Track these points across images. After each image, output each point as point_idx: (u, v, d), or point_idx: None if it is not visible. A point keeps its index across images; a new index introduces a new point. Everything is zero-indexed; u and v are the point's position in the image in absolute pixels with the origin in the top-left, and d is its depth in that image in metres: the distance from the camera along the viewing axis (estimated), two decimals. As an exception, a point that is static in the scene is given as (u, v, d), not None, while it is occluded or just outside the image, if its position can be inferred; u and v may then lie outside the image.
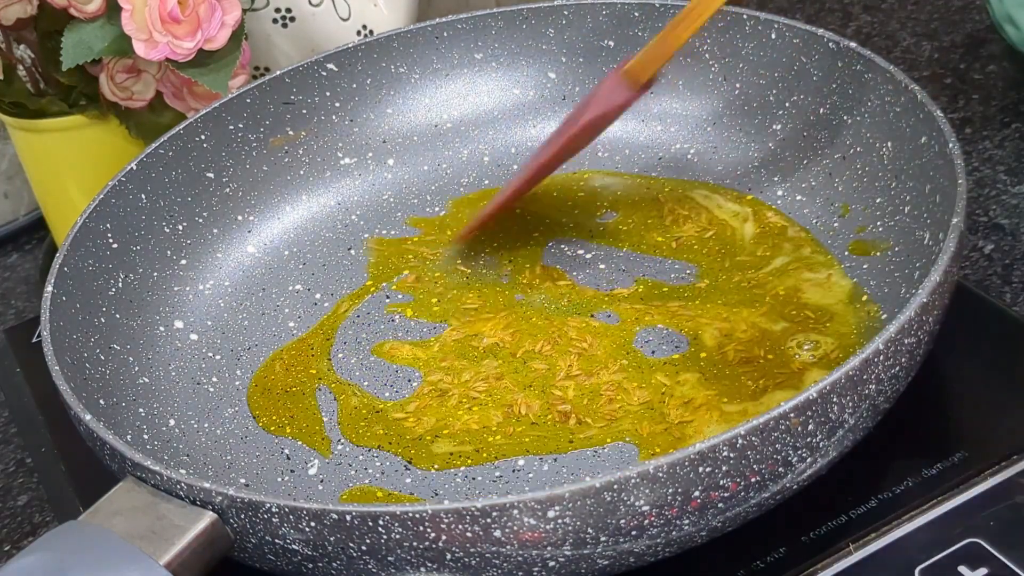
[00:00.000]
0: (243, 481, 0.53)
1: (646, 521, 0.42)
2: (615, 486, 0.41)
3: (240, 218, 0.66)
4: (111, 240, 0.60)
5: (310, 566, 0.44)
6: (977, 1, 0.84)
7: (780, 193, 0.63)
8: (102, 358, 0.56)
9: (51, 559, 0.42)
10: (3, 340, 0.69)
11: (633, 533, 0.42)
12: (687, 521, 0.43)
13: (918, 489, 0.50)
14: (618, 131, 0.69)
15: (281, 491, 0.52)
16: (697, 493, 0.42)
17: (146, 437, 0.54)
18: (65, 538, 0.43)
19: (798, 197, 0.63)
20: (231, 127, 0.67)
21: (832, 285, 0.57)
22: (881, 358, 0.44)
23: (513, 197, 0.63)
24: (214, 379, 0.59)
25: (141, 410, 0.56)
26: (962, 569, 0.46)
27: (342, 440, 0.54)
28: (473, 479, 0.51)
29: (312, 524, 0.42)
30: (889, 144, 0.59)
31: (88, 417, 0.48)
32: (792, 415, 0.42)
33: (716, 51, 0.67)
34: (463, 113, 0.71)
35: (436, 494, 0.51)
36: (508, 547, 0.41)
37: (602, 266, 0.61)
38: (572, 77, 0.70)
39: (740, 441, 0.41)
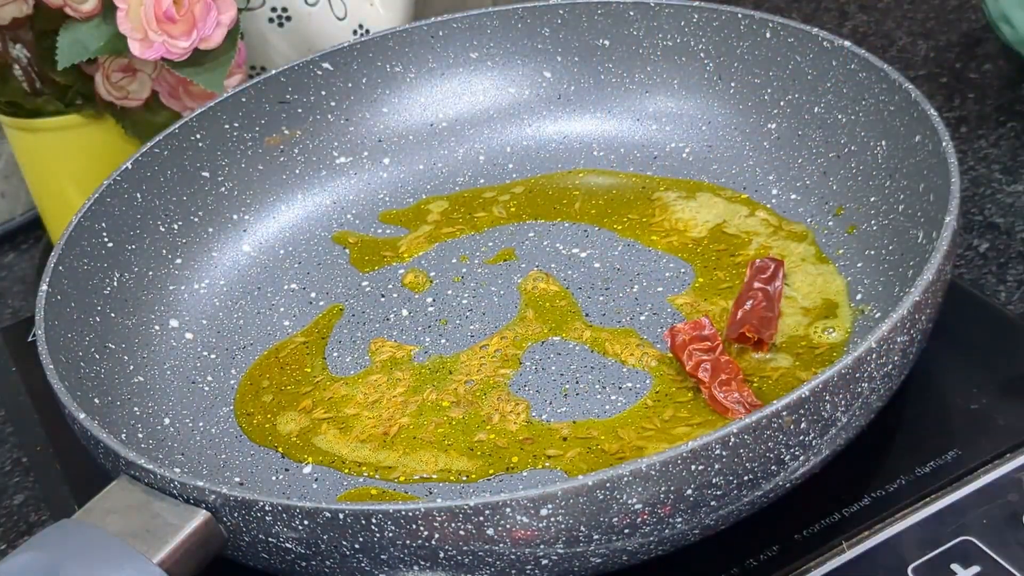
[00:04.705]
0: (237, 480, 0.53)
1: (639, 519, 0.42)
2: (608, 484, 0.41)
3: (235, 217, 0.66)
4: (106, 239, 0.60)
5: (303, 564, 0.44)
6: (972, 1, 0.84)
7: (775, 192, 0.63)
8: (97, 357, 0.56)
9: (44, 558, 0.42)
10: (-1, 339, 0.69)
11: (626, 531, 0.42)
12: (680, 519, 0.43)
13: (911, 487, 0.50)
14: (613, 130, 0.69)
15: (275, 490, 0.52)
16: (690, 491, 0.42)
17: (140, 436, 0.54)
18: (59, 537, 0.43)
19: (792, 196, 0.63)
20: (226, 126, 0.67)
21: (826, 284, 0.57)
22: (874, 356, 0.44)
23: None
24: (209, 378, 0.59)
25: (136, 409, 0.56)
26: (955, 567, 0.46)
27: (336, 438, 0.54)
28: (467, 477, 0.51)
29: (305, 523, 0.42)
30: (883, 143, 0.59)
31: (82, 416, 0.48)
32: (785, 413, 0.42)
33: (711, 50, 0.67)
34: (459, 112, 0.71)
35: (430, 493, 0.51)
36: (501, 545, 0.42)
37: (597, 265, 0.62)
38: (567, 76, 0.70)
39: (733, 439, 0.41)
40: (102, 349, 0.57)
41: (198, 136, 0.65)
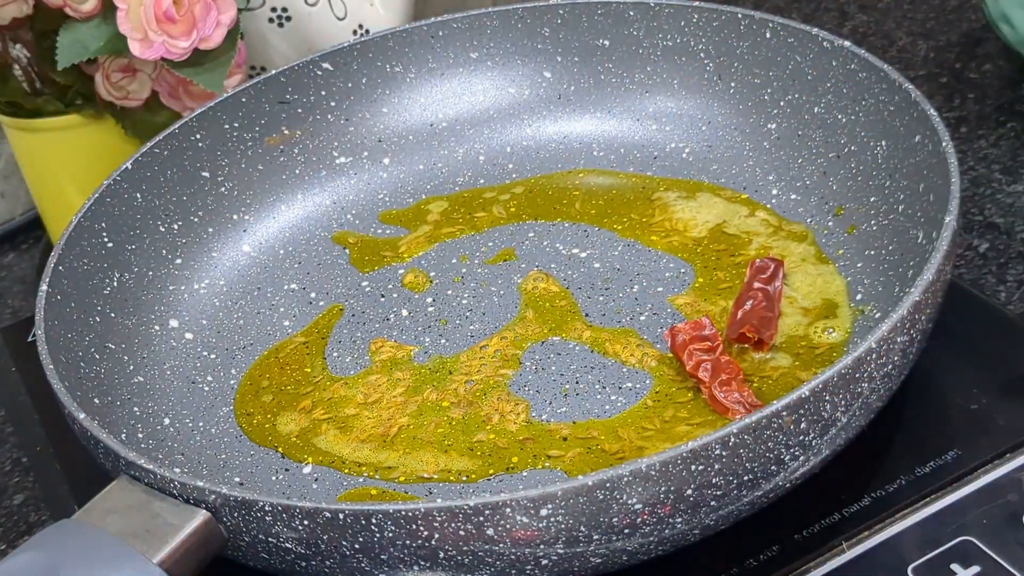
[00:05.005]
0: (237, 480, 0.53)
1: (639, 519, 0.42)
2: (607, 484, 0.41)
3: (235, 217, 0.66)
4: (106, 239, 0.60)
5: (303, 564, 0.44)
6: (972, 1, 0.84)
7: (775, 192, 0.63)
8: (97, 357, 0.56)
9: (44, 558, 0.42)
10: (-1, 339, 0.69)
11: (626, 531, 0.42)
12: (680, 519, 0.43)
13: (911, 487, 0.50)
14: (613, 130, 0.69)
15: (275, 490, 0.52)
16: (690, 491, 0.42)
17: (140, 436, 0.54)
18: (58, 537, 0.43)
19: (792, 196, 0.63)
20: (226, 126, 0.67)
21: (825, 284, 0.57)
22: (874, 356, 0.44)
23: None
24: (209, 378, 0.59)
25: (136, 409, 0.56)
26: (955, 567, 0.46)
27: (336, 438, 0.54)
28: (467, 477, 0.51)
29: (305, 523, 0.42)
30: (883, 143, 0.59)
31: (82, 416, 0.48)
32: (785, 413, 0.42)
33: (711, 50, 0.67)
34: (458, 112, 0.71)
35: (430, 492, 0.51)
36: (501, 545, 0.42)
37: (597, 265, 0.62)
38: (567, 76, 0.70)
39: (733, 439, 0.41)
40: (102, 349, 0.57)
41: (198, 136, 0.65)
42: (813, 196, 0.62)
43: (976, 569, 0.46)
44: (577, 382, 0.55)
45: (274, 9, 0.75)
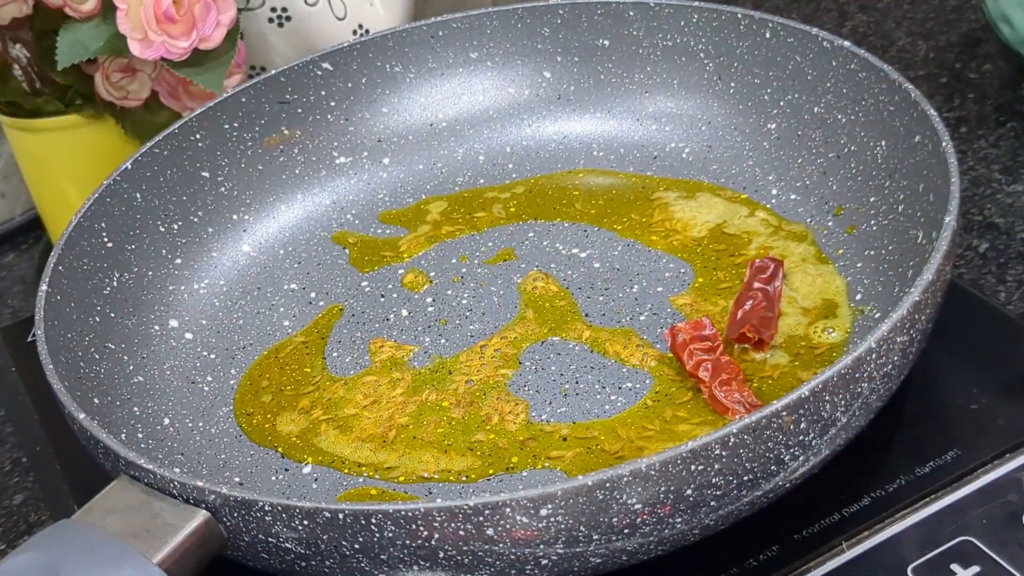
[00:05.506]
0: (237, 480, 0.53)
1: (638, 519, 0.42)
2: (607, 484, 0.41)
3: (235, 217, 0.66)
4: (106, 239, 0.60)
5: (303, 564, 0.44)
6: (972, 1, 0.84)
7: (774, 192, 0.63)
8: (96, 357, 0.56)
9: (44, 558, 0.42)
10: (-1, 339, 0.69)
11: (625, 531, 0.42)
12: (680, 519, 0.43)
13: (911, 487, 0.50)
14: (613, 130, 0.69)
15: (275, 490, 0.52)
16: (690, 491, 0.42)
17: (140, 436, 0.54)
18: (58, 537, 0.43)
19: (792, 196, 0.63)
20: (226, 126, 0.67)
21: (825, 284, 0.57)
22: (874, 356, 0.44)
23: None
24: (209, 378, 0.59)
25: (135, 409, 0.56)
26: (954, 567, 0.46)
27: (336, 438, 0.54)
28: (467, 477, 0.51)
29: (305, 523, 0.42)
30: (883, 143, 0.59)
31: (82, 416, 0.48)
32: (785, 413, 0.42)
33: (711, 50, 0.67)
34: (458, 112, 0.71)
35: (430, 493, 0.51)
36: (501, 545, 0.42)
37: (597, 265, 0.62)
38: (567, 76, 0.70)
39: (732, 439, 0.41)
40: (102, 349, 0.57)
41: (198, 136, 0.65)
42: (813, 196, 0.62)
43: (976, 569, 0.46)
44: (577, 382, 0.55)
45: (274, 9, 0.75)
